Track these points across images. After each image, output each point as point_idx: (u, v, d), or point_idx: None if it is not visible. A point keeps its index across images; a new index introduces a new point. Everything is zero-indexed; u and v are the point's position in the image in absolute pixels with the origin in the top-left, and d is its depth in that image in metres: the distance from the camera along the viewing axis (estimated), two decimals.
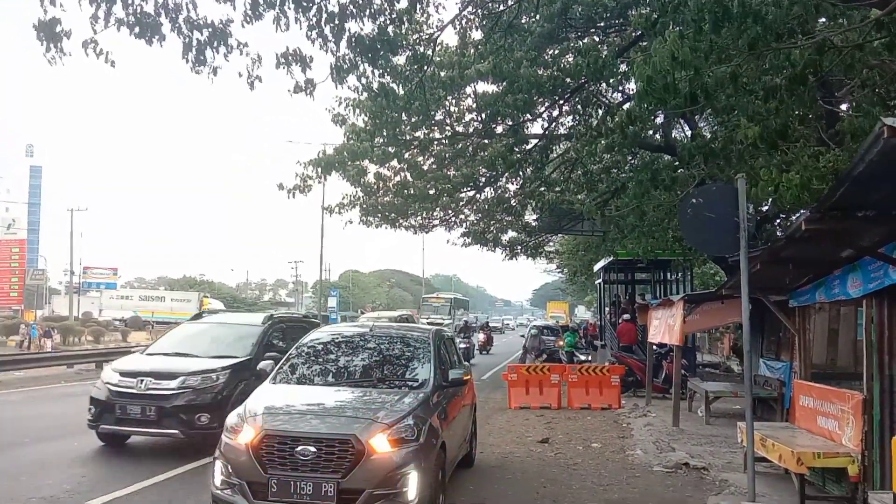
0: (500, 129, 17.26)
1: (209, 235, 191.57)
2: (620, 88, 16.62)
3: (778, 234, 16.10)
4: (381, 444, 5.38)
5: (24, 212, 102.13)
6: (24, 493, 6.71)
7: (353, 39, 8.09)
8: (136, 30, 7.42)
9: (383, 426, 5.52)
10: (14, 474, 7.63)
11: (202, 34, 7.55)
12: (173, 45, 7.43)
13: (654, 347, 15.51)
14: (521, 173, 18.56)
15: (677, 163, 15.69)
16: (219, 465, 5.57)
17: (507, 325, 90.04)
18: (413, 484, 5.35)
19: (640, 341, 19.31)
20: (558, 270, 51.51)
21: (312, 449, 5.30)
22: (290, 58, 7.84)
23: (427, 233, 23.19)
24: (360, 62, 8.41)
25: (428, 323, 27.27)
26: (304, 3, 7.62)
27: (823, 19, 8.69)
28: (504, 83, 14.79)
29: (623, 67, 12.67)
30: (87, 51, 7.17)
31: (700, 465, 8.82)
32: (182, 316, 46.28)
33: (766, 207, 14.71)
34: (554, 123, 17.58)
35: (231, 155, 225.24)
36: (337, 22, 7.82)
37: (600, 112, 16.44)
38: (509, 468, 8.80)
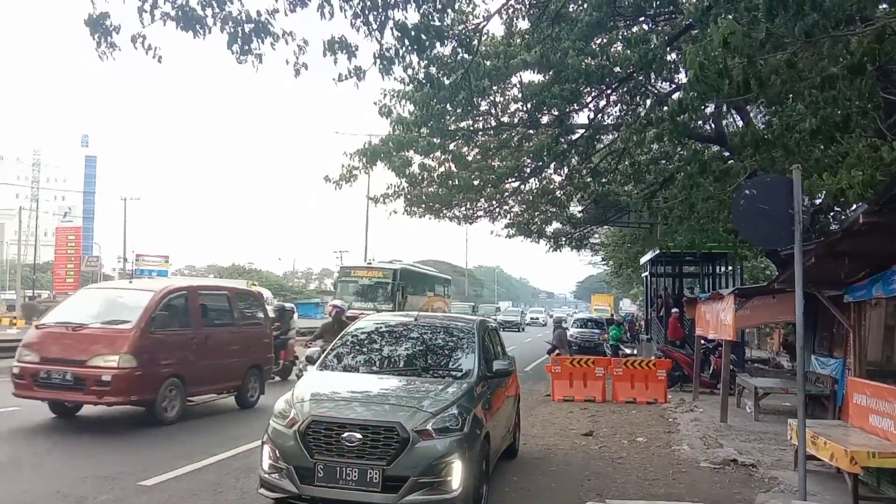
0: (545, 120, 17.14)
1: (257, 224, 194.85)
2: (670, 78, 16.33)
3: (832, 226, 15.65)
4: (425, 433, 5.40)
5: (80, 200, 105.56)
6: (80, 473, 6.93)
7: (398, 28, 8.11)
8: (182, 23, 7.60)
9: (428, 415, 5.55)
10: (70, 454, 7.93)
11: (246, 27, 7.67)
12: (218, 35, 7.55)
13: (702, 342, 15.26)
14: (566, 164, 18.41)
15: (727, 153, 15.37)
16: (267, 449, 5.66)
17: (535, 319, 67.98)
18: (457, 473, 5.37)
19: (687, 335, 19.01)
20: (603, 263, 50.86)
21: (358, 435, 5.36)
22: (335, 46, 7.90)
23: (471, 223, 23.22)
24: (405, 52, 8.44)
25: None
26: None
27: (885, 5, 8.38)
28: (550, 73, 14.67)
29: (673, 57, 12.44)
30: (135, 45, 7.36)
31: (749, 461, 8.65)
32: None
33: (820, 199, 14.31)
34: (601, 113, 17.38)
35: (278, 144, 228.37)
36: (381, 10, 7.85)
37: (648, 102, 16.21)
38: (553, 460, 8.78)
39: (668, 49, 12.06)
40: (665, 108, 12.53)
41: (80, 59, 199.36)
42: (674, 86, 16.28)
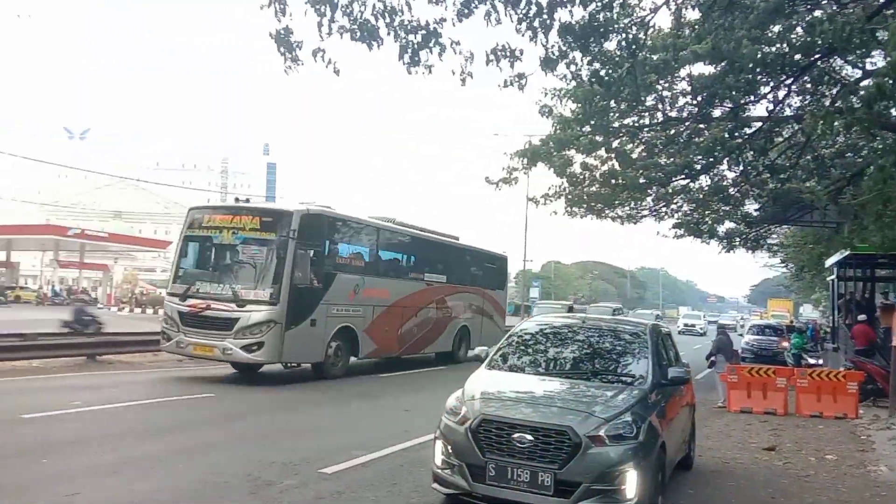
0: (717, 113, 16.28)
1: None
2: (860, 64, 14.92)
3: None
4: (598, 439, 5.27)
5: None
6: (265, 457, 7.43)
7: (563, 28, 8.01)
8: (357, 35, 7.99)
9: (600, 420, 5.41)
10: (258, 440, 8.53)
11: (416, 36, 7.93)
12: (389, 47, 7.87)
13: None
14: (741, 159, 17.34)
15: None
16: (439, 444, 5.78)
17: (690, 326, 51.36)
18: (632, 482, 5.19)
19: (882, 346, 17.23)
20: (782, 265, 47.23)
21: (529, 437, 5.33)
22: (499, 53, 7.96)
23: (635, 223, 22.47)
24: (569, 51, 8.33)
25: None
26: None
27: None
28: (723, 64, 13.91)
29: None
30: (315, 58, 7.82)
31: None
32: None
33: None
34: (780, 105, 16.22)
35: (442, 146, 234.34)
36: (546, 12, 7.79)
37: (834, 91, 14.90)
38: (732, 475, 8.26)
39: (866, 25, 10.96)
40: (854, 96, 11.46)
41: (259, 71, 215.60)
42: (864, 72, 14.85)
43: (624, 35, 9.84)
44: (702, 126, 16.58)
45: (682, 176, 18.31)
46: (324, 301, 14.17)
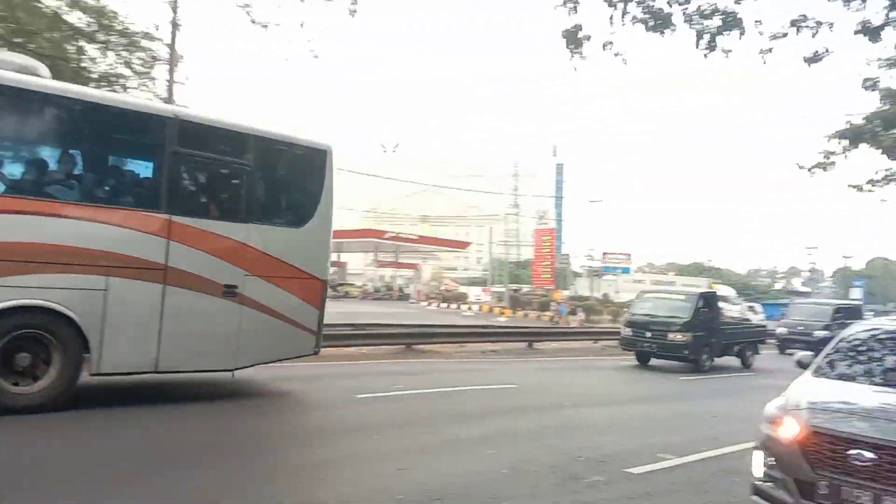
0: None
1: (717, 220, 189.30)
2: None
3: None
4: None
5: (552, 204, 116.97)
6: (573, 452, 7.54)
7: None
8: (651, 24, 7.78)
9: None
10: (564, 433, 8.71)
11: (714, 20, 7.56)
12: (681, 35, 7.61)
13: None
14: None
15: None
16: (759, 456, 5.37)
17: None
18: None
19: None
20: None
21: (870, 455, 4.70)
22: (799, 25, 7.27)
23: None
24: None
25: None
26: None
27: None
28: None
29: None
30: (605, 49, 7.82)
31: None
32: None
33: None
34: None
35: (742, 135, 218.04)
36: None
37: None
38: None
39: None
40: None
41: (547, 77, 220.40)
42: None
43: None
44: None
45: None
46: None
